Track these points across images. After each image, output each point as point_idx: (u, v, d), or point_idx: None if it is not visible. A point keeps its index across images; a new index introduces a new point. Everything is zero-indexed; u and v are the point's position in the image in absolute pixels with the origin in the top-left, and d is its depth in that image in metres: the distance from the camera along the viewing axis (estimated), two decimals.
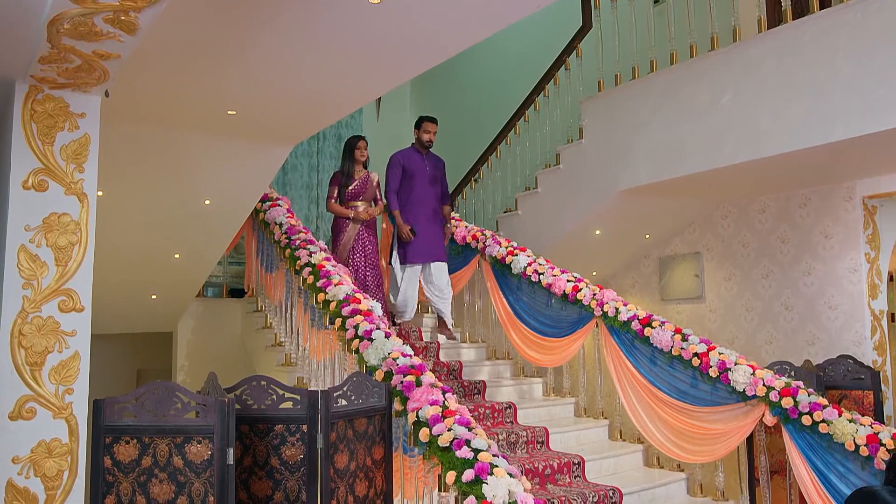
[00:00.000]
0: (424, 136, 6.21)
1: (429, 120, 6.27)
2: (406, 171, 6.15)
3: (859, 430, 4.01)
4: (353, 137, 6.29)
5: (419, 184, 6.16)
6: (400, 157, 6.23)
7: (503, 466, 2.93)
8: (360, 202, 6.13)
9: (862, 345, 5.77)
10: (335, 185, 6.16)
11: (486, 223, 7.69)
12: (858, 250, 5.86)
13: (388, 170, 6.20)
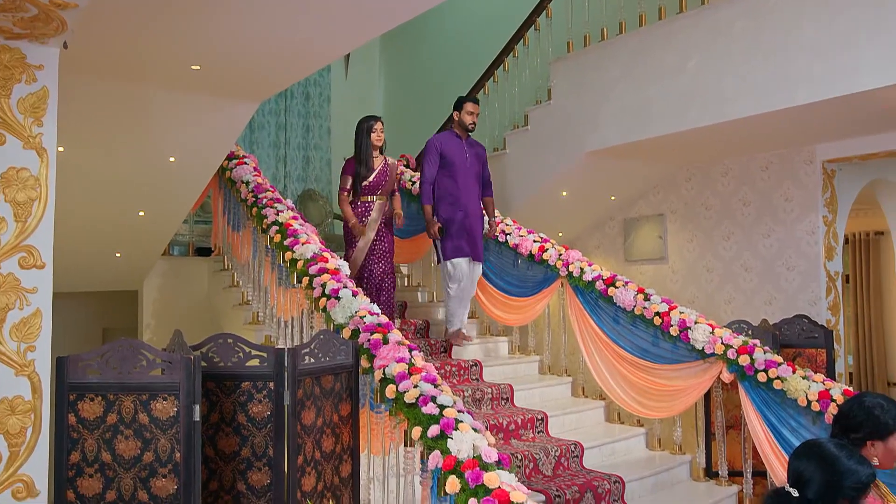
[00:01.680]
0: (466, 119, 5.53)
1: (470, 100, 5.61)
2: (444, 158, 5.44)
3: (811, 387, 4.12)
4: (368, 118, 5.42)
5: (459, 173, 5.46)
6: (438, 141, 5.50)
7: (468, 422, 2.95)
8: (378, 196, 5.35)
9: (817, 305, 5.91)
10: (349, 174, 5.29)
11: None
12: (817, 213, 5.96)
13: (424, 156, 5.52)
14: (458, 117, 5.58)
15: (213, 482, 3.05)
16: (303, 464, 3.05)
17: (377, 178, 5.32)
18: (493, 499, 2.51)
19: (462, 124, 5.56)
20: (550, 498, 3.93)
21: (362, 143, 5.30)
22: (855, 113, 4.99)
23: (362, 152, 5.29)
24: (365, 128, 5.32)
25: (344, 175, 5.33)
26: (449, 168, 5.45)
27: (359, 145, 5.31)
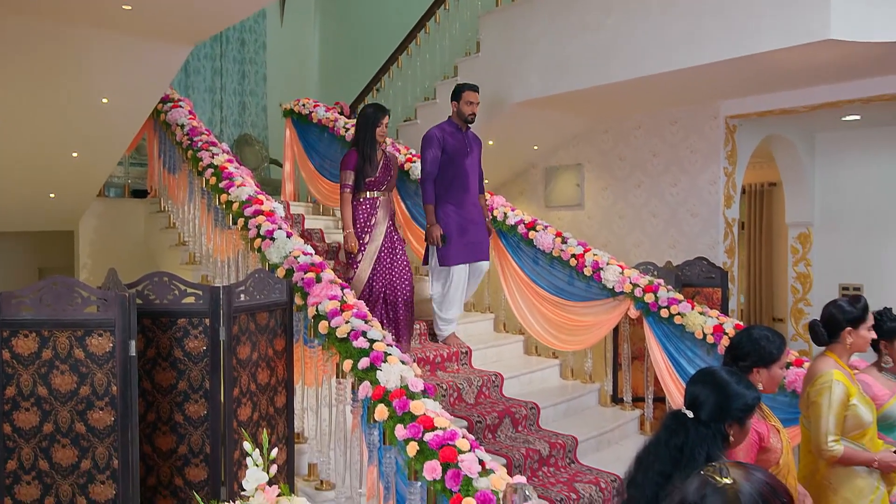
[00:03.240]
0: (466, 109, 4.80)
1: (471, 88, 4.86)
2: (446, 151, 4.73)
3: (707, 322, 4.30)
4: (375, 109, 4.62)
5: (461, 167, 4.78)
6: (439, 134, 4.76)
7: (396, 355, 2.97)
8: (383, 192, 4.65)
9: (715, 248, 6.13)
10: (351, 168, 4.50)
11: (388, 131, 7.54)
12: (718, 164, 6.13)
13: (424, 150, 4.77)
14: (456, 108, 4.84)
15: (150, 414, 2.99)
16: (238, 395, 3.02)
17: (382, 173, 4.60)
18: (419, 424, 2.55)
19: (461, 115, 4.81)
20: (472, 423, 4.02)
21: (367, 135, 4.54)
22: (756, 72, 5.11)
23: (366, 145, 4.54)
24: (371, 120, 4.56)
25: (346, 170, 4.49)
26: (451, 163, 4.75)
27: (362, 137, 4.55)
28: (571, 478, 3.93)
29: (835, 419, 2.84)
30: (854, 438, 2.89)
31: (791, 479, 2.72)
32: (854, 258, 6.85)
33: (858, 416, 2.88)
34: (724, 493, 1.15)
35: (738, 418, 2.17)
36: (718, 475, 1.19)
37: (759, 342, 2.71)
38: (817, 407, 2.87)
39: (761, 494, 1.15)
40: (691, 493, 1.19)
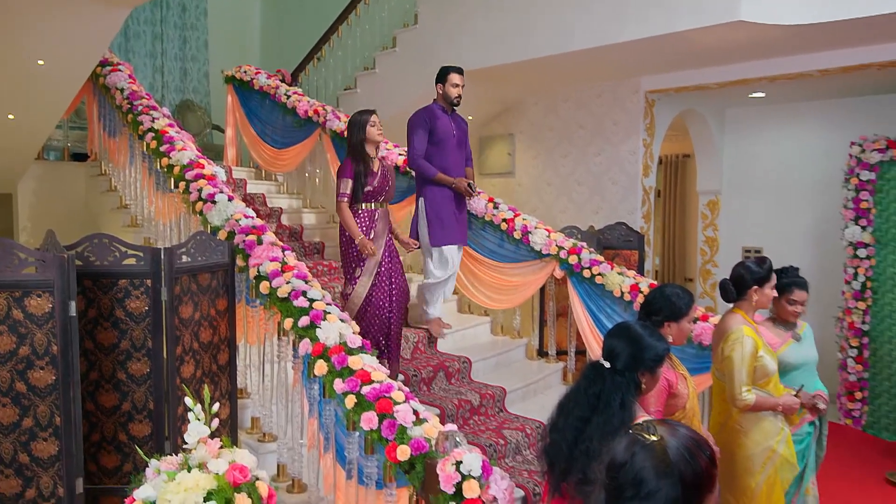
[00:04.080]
0: (452, 92, 4.49)
1: (455, 70, 4.54)
2: (433, 135, 4.45)
3: (625, 281, 4.41)
4: (360, 112, 4.12)
5: (448, 150, 4.51)
6: (426, 116, 4.47)
7: (335, 314, 2.95)
8: (381, 203, 4.13)
9: (634, 214, 6.27)
10: (349, 176, 3.99)
11: (328, 99, 7.38)
12: (638, 136, 6.24)
13: (411, 132, 4.50)
14: (441, 90, 4.52)
15: (93, 372, 2.89)
16: (181, 353, 2.95)
17: (381, 182, 4.10)
18: (356, 378, 2.55)
19: (447, 98, 4.51)
20: (408, 377, 4.04)
21: (360, 141, 4.05)
22: (673, 51, 5.20)
23: (360, 152, 4.05)
24: (359, 123, 4.06)
25: (343, 178, 4.00)
26: (438, 146, 4.46)
27: (357, 143, 4.05)
28: (500, 425, 4.01)
29: (746, 371, 2.97)
30: (761, 386, 3.04)
31: (696, 422, 2.84)
32: (756, 223, 7.13)
33: (765, 366, 3.02)
34: (652, 449, 1.16)
35: (650, 367, 2.24)
36: (646, 433, 1.19)
37: (670, 299, 2.80)
38: (730, 361, 2.99)
39: (687, 448, 1.17)
40: (621, 451, 1.19)
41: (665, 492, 1.12)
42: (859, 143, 5.74)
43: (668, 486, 1.12)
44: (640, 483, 1.13)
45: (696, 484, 1.14)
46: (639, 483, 1.13)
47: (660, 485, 1.12)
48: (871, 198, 5.69)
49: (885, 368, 5.70)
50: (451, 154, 4.51)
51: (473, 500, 2.05)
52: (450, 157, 4.51)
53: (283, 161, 6.24)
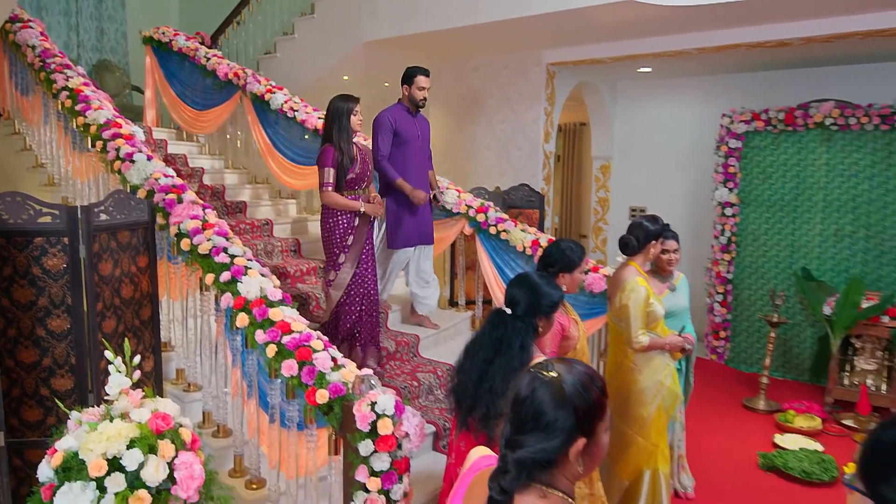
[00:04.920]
0: (418, 94, 4.18)
1: (422, 73, 4.22)
2: (398, 135, 4.14)
3: (527, 237, 4.49)
4: (344, 100, 3.71)
5: (412, 151, 4.21)
6: (390, 117, 4.14)
7: (256, 269, 2.85)
8: (362, 189, 3.79)
9: (535, 176, 6.37)
10: (331, 165, 3.63)
11: (248, 63, 7.03)
12: (540, 105, 6.30)
13: (376, 132, 4.13)
14: (408, 92, 4.20)
15: (10, 329, 2.69)
16: (102, 309, 2.79)
17: (361, 168, 3.75)
18: (277, 329, 2.49)
19: (413, 100, 4.19)
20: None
21: (341, 128, 3.66)
22: (572, 26, 5.24)
23: (342, 140, 3.67)
24: (345, 110, 3.68)
25: (326, 167, 3.62)
26: (402, 147, 4.16)
27: (337, 130, 3.66)
28: (414, 369, 4.04)
29: (641, 317, 3.10)
30: (652, 329, 3.19)
31: (585, 361, 2.97)
32: (641, 185, 7.40)
33: (655, 312, 3.16)
34: (550, 384, 1.18)
35: (546, 313, 2.30)
36: (545, 370, 1.22)
37: (564, 252, 2.88)
38: (627, 309, 3.11)
39: (581, 383, 1.20)
40: (523, 388, 1.21)
41: (562, 422, 1.16)
42: (729, 115, 6.02)
43: (563, 417, 1.16)
44: (540, 415, 1.17)
45: (588, 413, 1.19)
46: (539, 415, 1.17)
47: (557, 415, 1.16)
48: (737, 163, 6.01)
49: (744, 311, 6.12)
50: (414, 155, 4.23)
51: (387, 437, 2.07)
52: (413, 159, 4.22)
53: (204, 122, 5.93)
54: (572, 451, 1.17)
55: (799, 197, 5.79)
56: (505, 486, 1.17)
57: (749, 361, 6.08)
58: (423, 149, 4.32)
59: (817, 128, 5.62)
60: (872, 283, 5.46)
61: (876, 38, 4.83)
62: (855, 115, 5.40)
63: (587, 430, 1.18)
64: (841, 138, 5.56)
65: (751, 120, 5.89)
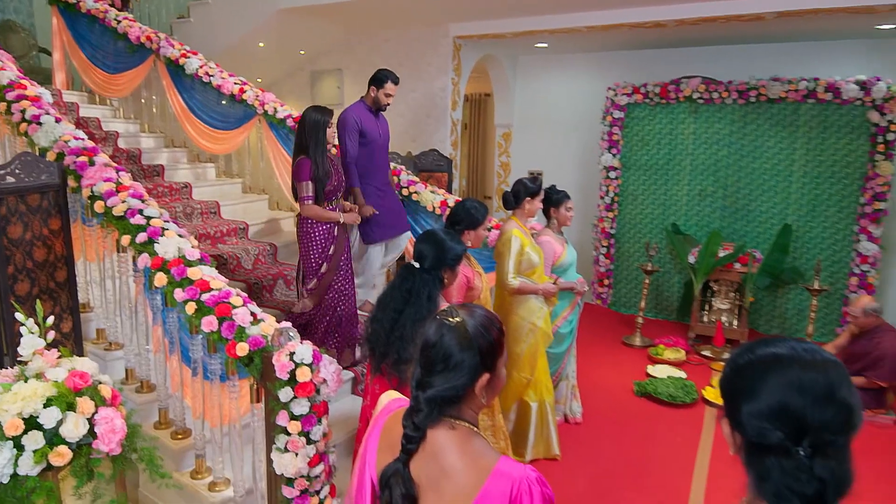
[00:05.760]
0: (384, 99, 3.91)
1: (394, 80, 3.93)
2: (363, 136, 3.86)
3: (436, 198, 4.49)
4: (320, 114, 3.40)
5: (376, 152, 3.95)
6: (356, 118, 3.84)
7: (173, 229, 2.69)
8: (338, 199, 3.56)
9: (444, 142, 6.35)
10: (308, 179, 3.34)
11: (161, 27, 6.50)
12: (448, 76, 6.24)
13: (343, 134, 3.83)
14: (374, 94, 3.90)
15: None
16: (14, 272, 2.56)
17: (337, 178, 3.49)
18: (196, 288, 2.38)
19: (378, 102, 3.92)
20: (250, 285, 3.87)
21: (318, 142, 3.37)
22: (475, 2, 5.17)
23: (318, 153, 3.37)
24: (321, 123, 3.37)
25: (303, 181, 3.33)
26: (367, 147, 3.88)
27: (314, 144, 3.36)
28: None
29: (513, 263, 3.19)
30: (528, 275, 3.29)
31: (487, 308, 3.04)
32: (538, 151, 7.55)
33: (530, 260, 3.26)
34: (456, 328, 1.20)
35: (451, 266, 2.32)
36: (450, 316, 1.23)
37: (469, 211, 2.90)
38: (501, 255, 3.20)
39: (482, 325, 1.22)
40: (431, 334, 1.22)
41: (468, 361, 1.18)
42: (613, 89, 6.20)
43: (469, 357, 1.18)
44: (449, 357, 1.18)
45: (490, 351, 1.22)
46: (448, 357, 1.18)
47: (463, 356, 1.18)
48: (620, 132, 6.23)
49: (624, 262, 6.45)
50: (378, 155, 3.97)
51: (305, 384, 2.04)
52: (377, 159, 3.96)
53: (116, 86, 5.45)
54: (478, 385, 1.20)
55: (671, 162, 6.10)
56: (418, 423, 1.19)
57: (628, 305, 6.45)
58: (386, 147, 4.09)
59: (686, 101, 5.91)
60: (728, 235, 5.89)
61: (735, 23, 5.09)
62: (717, 91, 5.71)
63: (490, 366, 1.22)
64: (706, 110, 5.88)
65: (632, 93, 6.10)
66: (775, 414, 0.86)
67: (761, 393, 0.87)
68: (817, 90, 5.31)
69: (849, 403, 0.85)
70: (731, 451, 0.94)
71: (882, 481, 3.33)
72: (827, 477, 0.82)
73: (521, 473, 1.13)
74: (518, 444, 3.43)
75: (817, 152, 5.46)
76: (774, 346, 0.92)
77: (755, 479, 0.88)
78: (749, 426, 0.88)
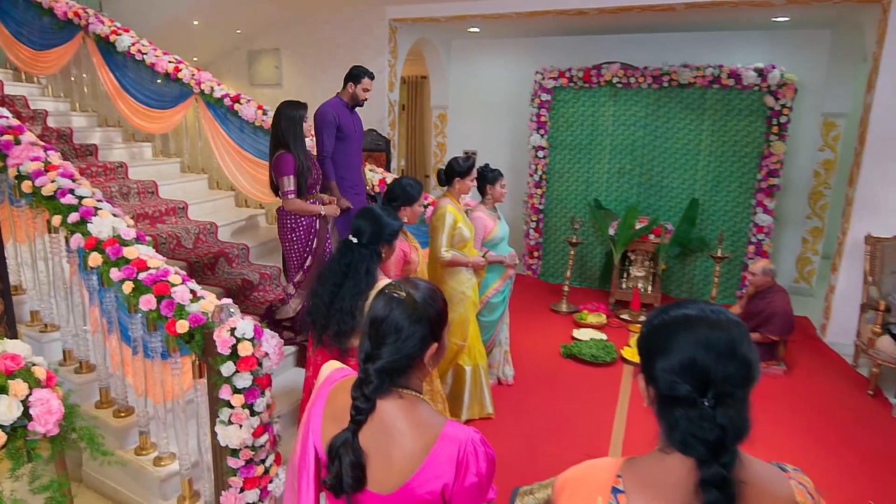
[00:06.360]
0: (362, 95, 3.79)
1: (369, 76, 3.81)
2: (340, 131, 3.71)
3: (376, 177, 4.41)
4: (294, 108, 3.25)
5: (352, 148, 3.79)
6: (334, 113, 3.67)
7: (107, 209, 2.53)
8: (318, 192, 3.43)
9: (382, 122, 6.24)
10: (291, 173, 3.19)
11: (90, 3, 6.00)
12: (384, 57, 6.11)
13: (321, 129, 3.68)
14: (352, 90, 3.78)
15: None
16: None
17: (316, 171, 3.36)
18: (133, 267, 2.25)
19: (356, 98, 3.79)
20: (191, 263, 3.72)
21: (297, 136, 3.22)
22: None
23: (299, 148, 3.23)
24: (297, 118, 3.22)
25: (285, 175, 3.18)
26: (344, 143, 3.72)
27: (294, 139, 3.21)
28: (277, 296, 3.90)
29: (446, 237, 3.20)
30: (459, 248, 3.31)
31: None
32: (473, 132, 7.56)
33: (462, 234, 3.28)
34: (404, 302, 1.19)
35: (388, 241, 2.30)
36: (397, 290, 1.22)
37: (405, 188, 2.87)
38: (435, 229, 3.21)
39: (429, 297, 1.22)
40: (380, 308, 1.20)
41: (419, 332, 1.18)
42: (541, 73, 6.26)
43: (419, 328, 1.18)
44: (399, 330, 1.17)
45: (438, 322, 1.23)
46: (399, 329, 1.17)
47: (413, 329, 1.18)
48: (547, 114, 6.31)
49: (552, 235, 6.60)
50: (353, 151, 3.83)
51: (247, 357, 1.99)
52: (353, 155, 3.82)
53: (44, 63, 5.03)
54: (427, 355, 1.21)
55: (593, 142, 6.24)
56: (369, 394, 1.17)
57: (555, 275, 6.63)
58: (360, 143, 3.95)
59: (607, 85, 6.04)
60: (643, 209, 6.13)
61: (649, 12, 5.22)
62: (634, 76, 5.87)
63: (438, 335, 1.23)
64: (624, 94, 6.03)
65: (558, 77, 6.17)
66: (684, 368, 0.89)
67: (673, 350, 0.91)
68: (721, 76, 5.55)
69: (749, 359, 0.90)
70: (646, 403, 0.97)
71: (773, 427, 3.61)
72: (727, 424, 0.86)
73: (467, 436, 1.15)
74: (454, 405, 3.49)
75: (721, 133, 5.73)
76: (685, 308, 0.96)
77: (665, 428, 0.92)
78: (661, 380, 0.91)
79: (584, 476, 0.99)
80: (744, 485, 0.88)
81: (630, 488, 0.93)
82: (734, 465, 0.87)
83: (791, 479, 0.94)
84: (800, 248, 6.19)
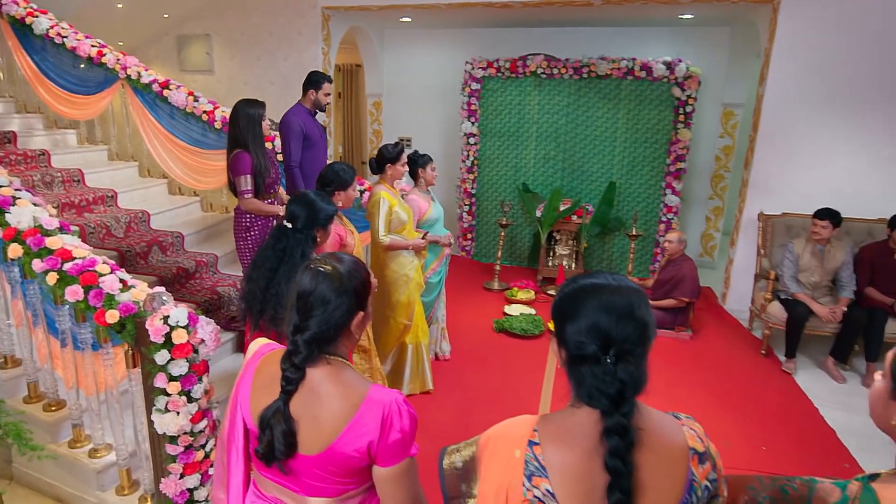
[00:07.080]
0: (325, 99, 3.61)
1: (329, 80, 3.65)
2: (307, 139, 3.53)
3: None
4: (252, 107, 3.05)
5: (318, 153, 3.62)
6: (300, 121, 3.50)
7: (27, 198, 2.34)
8: (274, 193, 3.23)
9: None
10: (249, 172, 2.99)
11: None
12: (318, 45, 5.92)
13: (287, 138, 3.48)
14: (314, 96, 3.61)
15: None
16: None
17: (274, 171, 3.18)
18: (57, 257, 2.10)
19: (318, 104, 3.64)
20: (122, 252, 3.50)
21: (256, 136, 3.04)
22: None
23: (258, 147, 3.05)
24: (256, 117, 3.04)
25: (242, 175, 2.98)
26: (310, 150, 3.57)
27: (252, 139, 3.03)
28: (214, 284, 3.76)
29: (384, 222, 3.18)
30: (398, 232, 3.30)
31: None
32: (407, 119, 7.48)
33: (399, 218, 3.26)
34: (329, 274, 1.20)
35: (323, 225, 2.26)
36: (323, 265, 1.22)
37: (338, 174, 2.82)
38: (373, 216, 3.18)
39: (353, 269, 1.24)
40: (307, 282, 1.20)
41: (345, 303, 1.20)
42: (471, 63, 6.26)
43: (345, 298, 1.20)
44: (327, 302, 1.19)
45: (362, 292, 1.24)
46: (326, 302, 1.18)
47: (340, 300, 1.19)
48: (477, 102, 6.34)
49: (484, 217, 6.69)
50: (319, 156, 3.67)
51: (182, 345, 1.91)
52: (319, 161, 3.66)
53: None
54: (354, 323, 1.23)
55: (520, 129, 6.34)
56: (298, 363, 1.18)
57: (488, 255, 6.73)
58: (325, 149, 3.82)
59: (532, 76, 6.13)
60: (567, 192, 6.31)
61: (570, 7, 5.32)
62: (557, 67, 5.98)
63: (363, 304, 1.25)
64: (548, 84, 6.14)
65: (486, 67, 6.20)
66: (590, 330, 0.94)
67: (580, 314, 0.96)
68: (634, 69, 5.75)
69: (645, 320, 0.96)
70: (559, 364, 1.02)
71: (678, 385, 3.85)
72: (626, 379, 0.92)
73: (391, 398, 1.18)
74: (396, 381, 3.50)
75: (634, 122, 5.95)
76: (592, 277, 1.01)
77: (574, 385, 0.98)
78: (571, 342, 0.96)
79: (504, 432, 1.03)
80: (642, 431, 0.94)
81: (545, 440, 0.97)
82: (633, 415, 0.93)
83: (683, 426, 1.02)
84: (703, 226, 6.57)
